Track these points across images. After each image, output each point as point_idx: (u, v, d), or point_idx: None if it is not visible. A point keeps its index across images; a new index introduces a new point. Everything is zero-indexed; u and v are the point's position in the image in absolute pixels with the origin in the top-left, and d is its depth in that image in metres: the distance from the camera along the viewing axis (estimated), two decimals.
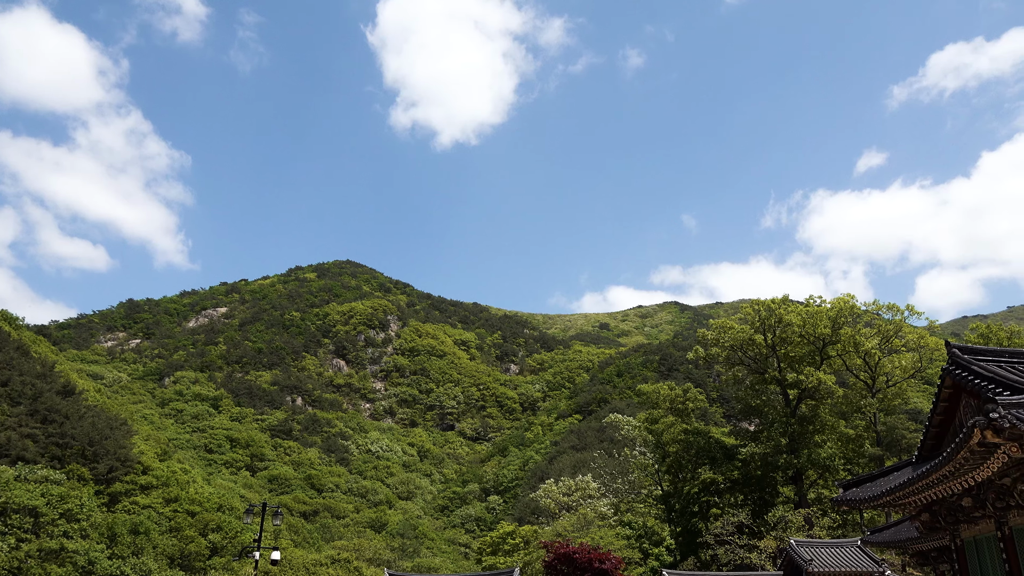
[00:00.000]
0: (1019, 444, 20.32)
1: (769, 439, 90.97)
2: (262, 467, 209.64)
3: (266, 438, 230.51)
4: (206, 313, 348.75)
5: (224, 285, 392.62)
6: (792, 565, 57.42)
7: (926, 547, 40.38)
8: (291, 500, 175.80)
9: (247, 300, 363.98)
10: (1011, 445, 20.46)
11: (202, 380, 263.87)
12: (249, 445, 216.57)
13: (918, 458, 30.72)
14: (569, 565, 63.02)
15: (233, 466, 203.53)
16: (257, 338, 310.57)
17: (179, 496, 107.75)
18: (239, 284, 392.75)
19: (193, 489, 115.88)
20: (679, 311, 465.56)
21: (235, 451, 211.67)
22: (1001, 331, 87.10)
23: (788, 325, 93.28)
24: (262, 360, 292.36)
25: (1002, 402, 21.07)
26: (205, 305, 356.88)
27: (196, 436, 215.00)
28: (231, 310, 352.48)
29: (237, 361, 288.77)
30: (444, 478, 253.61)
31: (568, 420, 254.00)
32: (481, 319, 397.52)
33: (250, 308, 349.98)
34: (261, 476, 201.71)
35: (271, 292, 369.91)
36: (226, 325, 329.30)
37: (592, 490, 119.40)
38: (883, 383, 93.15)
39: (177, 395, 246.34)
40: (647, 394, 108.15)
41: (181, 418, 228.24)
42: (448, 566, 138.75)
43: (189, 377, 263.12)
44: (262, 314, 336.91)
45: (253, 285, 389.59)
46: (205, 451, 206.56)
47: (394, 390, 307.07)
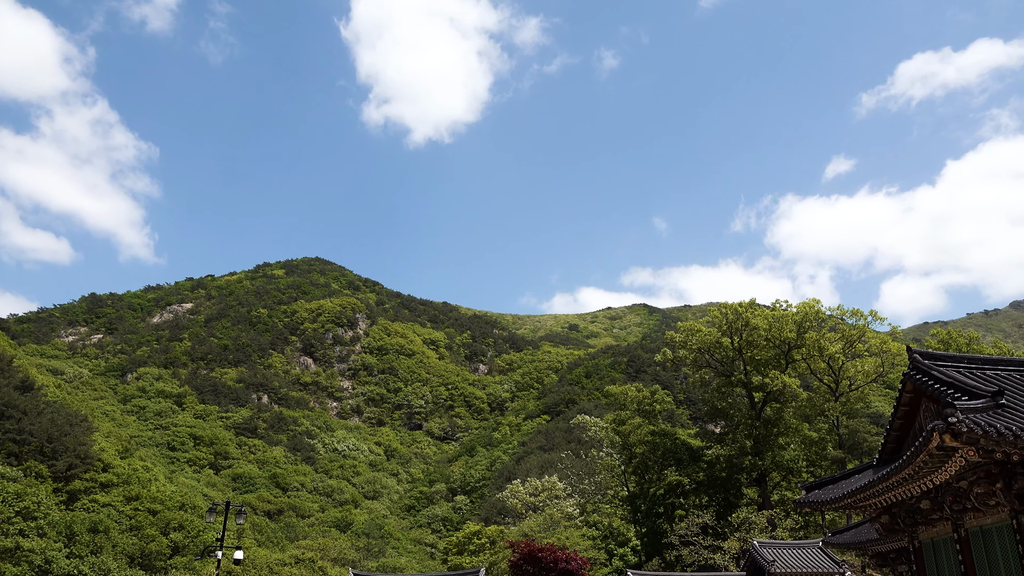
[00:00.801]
0: (976, 448, 20.75)
1: (734, 441, 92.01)
2: (226, 465, 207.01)
3: (231, 436, 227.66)
4: (171, 309, 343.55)
5: (190, 280, 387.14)
6: (755, 566, 58.11)
7: (885, 548, 41.09)
8: (255, 499, 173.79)
9: (213, 296, 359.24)
10: (968, 449, 20.89)
11: (166, 377, 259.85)
12: (213, 443, 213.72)
13: (879, 461, 31.24)
14: (535, 565, 63.13)
15: (196, 464, 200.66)
16: (223, 335, 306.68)
17: (140, 494, 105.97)
18: (205, 280, 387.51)
19: (155, 487, 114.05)
20: (648, 313, 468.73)
21: (199, 449, 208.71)
22: (960, 337, 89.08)
23: (755, 329, 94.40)
24: (228, 357, 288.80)
25: (960, 407, 21.51)
26: (170, 300, 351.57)
27: (159, 433, 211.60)
28: (197, 306, 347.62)
29: (202, 358, 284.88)
30: (411, 478, 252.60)
31: (536, 421, 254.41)
32: (451, 318, 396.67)
33: (216, 304, 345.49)
34: (225, 474, 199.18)
35: (238, 288, 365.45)
36: (191, 321, 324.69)
37: (559, 491, 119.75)
38: (846, 387, 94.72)
39: (140, 392, 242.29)
40: (615, 395, 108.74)
41: (144, 415, 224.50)
42: (414, 566, 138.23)
43: (152, 373, 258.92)
44: (229, 310, 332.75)
45: (220, 281, 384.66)
46: (168, 449, 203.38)
47: (362, 389, 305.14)
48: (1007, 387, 24.68)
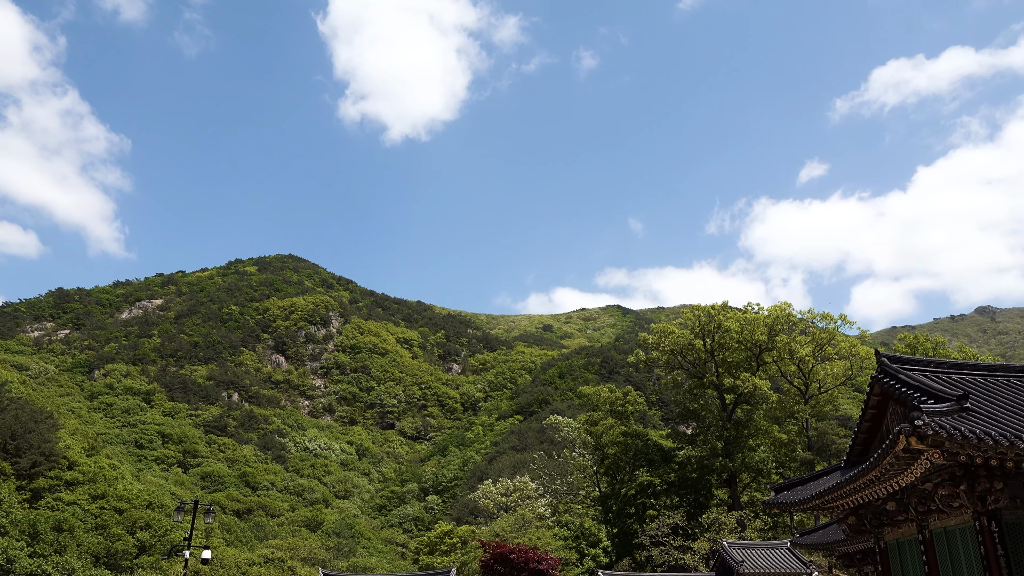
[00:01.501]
0: (941, 451, 21.10)
1: (705, 442, 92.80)
2: (195, 464, 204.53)
3: (200, 434, 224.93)
4: (140, 304, 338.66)
5: (160, 276, 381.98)
6: (724, 566, 58.62)
7: (852, 549, 41.67)
8: (224, 498, 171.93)
9: (184, 292, 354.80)
10: (933, 451, 21.24)
11: (134, 373, 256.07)
12: (182, 441, 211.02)
13: (847, 463, 31.65)
14: (506, 565, 63.13)
15: (164, 462, 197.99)
16: (193, 331, 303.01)
17: (106, 492, 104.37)
18: (176, 276, 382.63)
19: (121, 485, 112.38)
20: (621, 315, 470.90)
21: (167, 447, 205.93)
22: (927, 342, 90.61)
23: (727, 331, 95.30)
24: (198, 354, 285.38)
25: (926, 410, 21.87)
26: (140, 296, 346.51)
27: (126, 431, 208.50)
28: (167, 302, 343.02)
29: (172, 355, 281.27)
30: (383, 477, 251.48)
31: (509, 421, 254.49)
32: (424, 318, 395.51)
33: (187, 301, 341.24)
34: (194, 473, 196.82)
35: (209, 285, 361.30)
36: (161, 317, 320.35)
37: (531, 491, 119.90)
38: (816, 389, 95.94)
39: (107, 388, 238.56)
40: (588, 396, 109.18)
41: (111, 412, 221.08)
42: (384, 566, 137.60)
43: (120, 370, 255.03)
44: (199, 307, 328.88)
45: (191, 277, 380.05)
46: (135, 447, 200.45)
47: (334, 387, 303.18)
48: (972, 391, 25.15)
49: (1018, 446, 20.73)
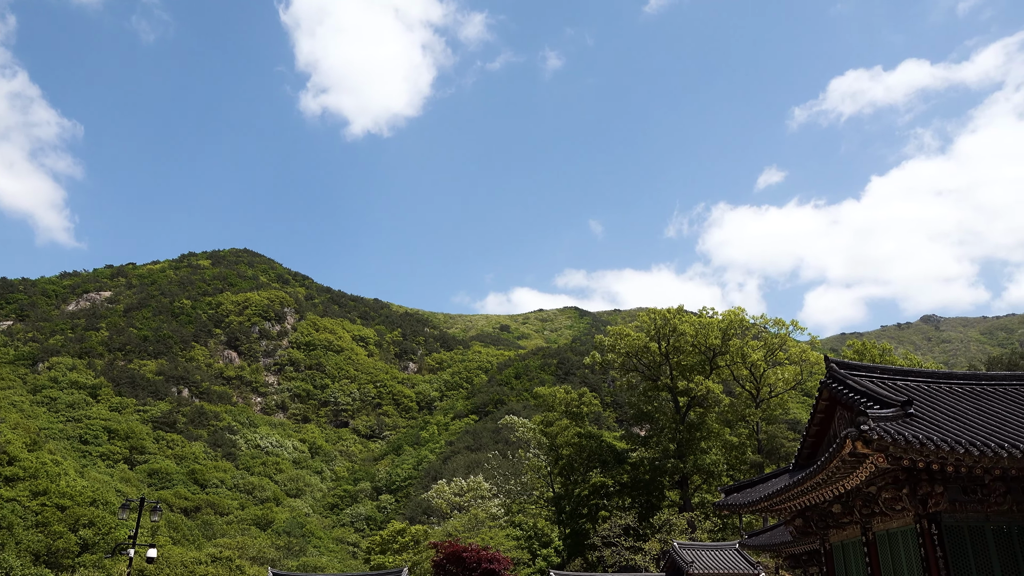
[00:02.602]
0: (885, 455, 21.65)
1: (658, 444, 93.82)
2: (142, 460, 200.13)
3: (148, 430, 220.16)
4: (88, 296, 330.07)
5: (110, 268, 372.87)
6: (674, 567, 59.35)
7: (798, 550, 42.53)
8: (172, 495, 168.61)
9: (134, 285, 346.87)
10: (878, 456, 21.78)
11: (80, 367, 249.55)
12: (129, 437, 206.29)
13: (795, 466, 32.28)
14: (458, 565, 63.07)
15: (110, 459, 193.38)
16: (143, 325, 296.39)
17: (48, 489, 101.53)
18: (126, 268, 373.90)
19: (64, 482, 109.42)
20: (579, 316, 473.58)
21: (113, 443, 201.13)
22: (874, 348, 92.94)
23: (681, 335, 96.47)
24: (147, 348, 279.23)
25: (872, 415, 22.43)
26: (88, 288, 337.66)
27: (70, 426, 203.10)
28: (116, 294, 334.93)
29: (120, 348, 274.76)
30: (335, 476, 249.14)
31: (464, 420, 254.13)
32: (381, 316, 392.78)
33: (137, 293, 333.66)
34: (140, 470, 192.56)
35: (161, 278, 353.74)
36: (110, 310, 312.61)
37: (484, 491, 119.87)
38: (766, 393, 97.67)
39: (51, 382, 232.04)
40: (543, 397, 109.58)
41: (55, 406, 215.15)
42: (335, 565, 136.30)
43: (66, 363, 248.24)
44: (150, 300, 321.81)
45: (141, 269, 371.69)
46: (80, 442, 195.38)
47: (288, 384, 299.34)
48: (916, 397, 25.85)
49: (958, 451, 21.39)
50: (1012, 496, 23.69)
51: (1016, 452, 21.52)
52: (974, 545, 23.50)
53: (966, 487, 23.61)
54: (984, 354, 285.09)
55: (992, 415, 25.63)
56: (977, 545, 23.51)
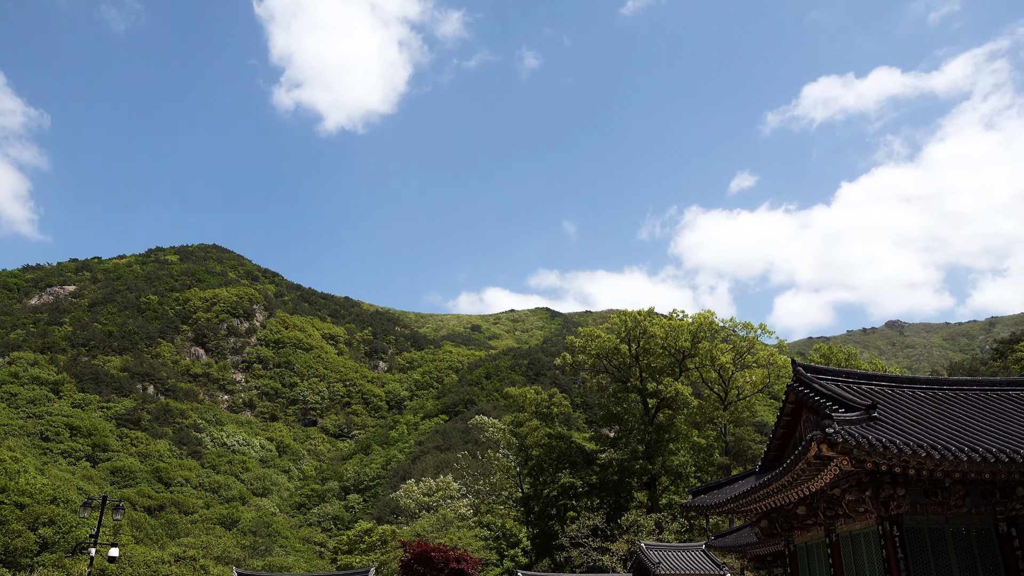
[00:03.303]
0: (849, 458, 21.97)
1: (627, 445, 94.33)
2: (105, 458, 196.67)
3: (111, 427, 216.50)
4: (52, 290, 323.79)
5: (74, 262, 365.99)
6: (641, 567, 59.70)
7: (763, 551, 43.03)
8: (135, 494, 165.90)
9: (100, 280, 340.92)
10: (842, 458, 22.10)
11: (42, 362, 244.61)
12: (91, 434, 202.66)
13: (761, 468, 32.64)
14: (426, 565, 62.87)
15: (72, 456, 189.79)
16: (108, 321, 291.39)
17: (7, 486, 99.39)
18: (92, 262, 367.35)
19: (24, 479, 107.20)
20: (550, 317, 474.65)
21: (75, 440, 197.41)
22: (840, 353, 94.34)
23: (652, 337, 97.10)
24: (112, 344, 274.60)
25: (837, 418, 22.76)
26: (51, 282, 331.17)
27: (31, 422, 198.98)
28: (81, 289, 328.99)
29: (84, 344, 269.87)
30: (303, 475, 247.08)
31: (434, 420, 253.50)
32: (352, 314, 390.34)
33: (102, 288, 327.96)
34: (103, 467, 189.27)
35: (127, 273, 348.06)
36: (74, 305, 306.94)
37: (453, 491, 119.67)
38: (734, 396, 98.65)
39: (12, 377, 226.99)
40: (514, 397, 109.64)
41: (15, 402, 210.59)
42: (301, 565, 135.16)
43: (27, 358, 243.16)
44: (116, 295, 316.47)
45: (107, 264, 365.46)
46: (41, 439, 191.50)
47: (255, 382, 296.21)
48: (879, 401, 26.28)
49: (920, 455, 21.78)
50: (971, 499, 24.18)
51: (975, 456, 21.96)
52: (934, 547, 23.94)
53: (927, 490, 24.05)
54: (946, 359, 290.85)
55: (953, 419, 26.14)
56: (937, 547, 23.95)
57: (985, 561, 23.94)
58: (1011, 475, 22.92)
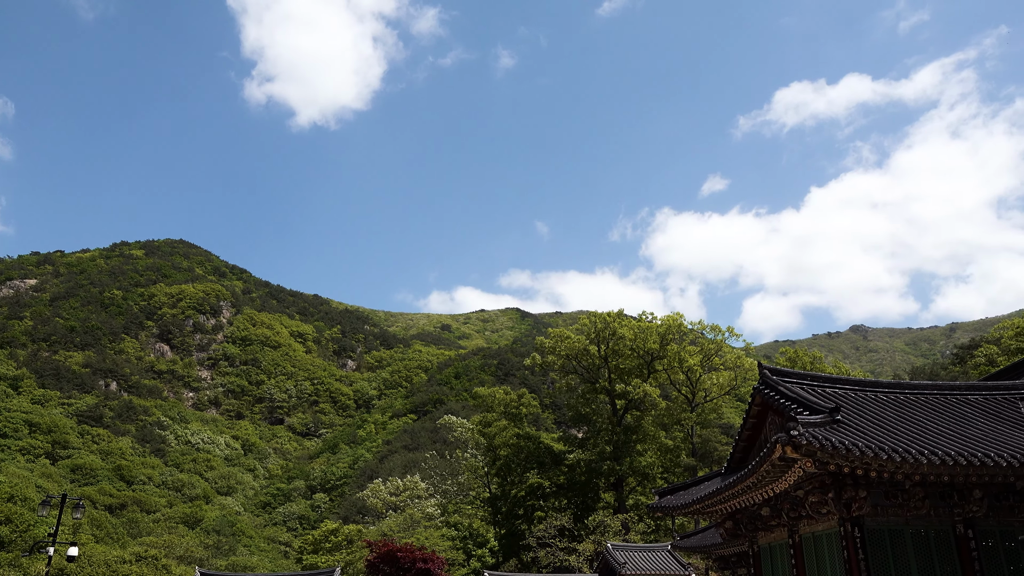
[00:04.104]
0: (813, 460, 22.30)
1: (595, 446, 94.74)
2: (65, 455, 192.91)
3: (72, 424, 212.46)
4: (12, 284, 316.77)
5: (36, 255, 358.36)
6: (608, 567, 60.02)
7: (728, 552, 43.49)
8: (96, 492, 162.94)
9: (62, 273, 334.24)
10: (806, 460, 22.42)
11: (1, 357, 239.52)
12: (51, 431, 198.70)
13: (727, 469, 32.98)
14: (392, 565, 62.59)
15: (31, 453, 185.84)
16: (70, 315, 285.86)
17: None
18: (54, 255, 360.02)
19: None
20: (520, 317, 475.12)
21: (34, 436, 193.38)
22: (806, 356, 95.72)
23: (621, 338, 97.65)
24: (74, 340, 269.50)
25: (802, 421, 23.08)
26: (11, 275, 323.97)
27: None
28: (42, 283, 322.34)
29: (44, 339, 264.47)
30: (269, 473, 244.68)
31: (403, 420, 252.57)
32: (321, 312, 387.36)
33: (65, 282, 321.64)
34: (63, 465, 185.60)
35: (91, 267, 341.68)
36: (35, 299, 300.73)
37: (421, 490, 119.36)
38: (702, 398, 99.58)
39: None
40: (483, 397, 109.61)
41: None
42: (266, 565, 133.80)
43: None
44: (78, 290, 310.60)
45: (70, 258, 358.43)
46: None
47: (221, 380, 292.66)
48: (843, 404, 26.70)
49: (881, 457, 22.18)
50: (930, 501, 24.67)
51: (935, 459, 22.42)
52: (894, 548, 24.38)
53: (888, 492, 24.48)
54: (908, 364, 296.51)
55: (914, 423, 26.65)
56: (897, 548, 24.40)
57: (942, 562, 24.44)
58: (968, 478, 23.43)
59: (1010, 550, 24.57)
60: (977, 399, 29.95)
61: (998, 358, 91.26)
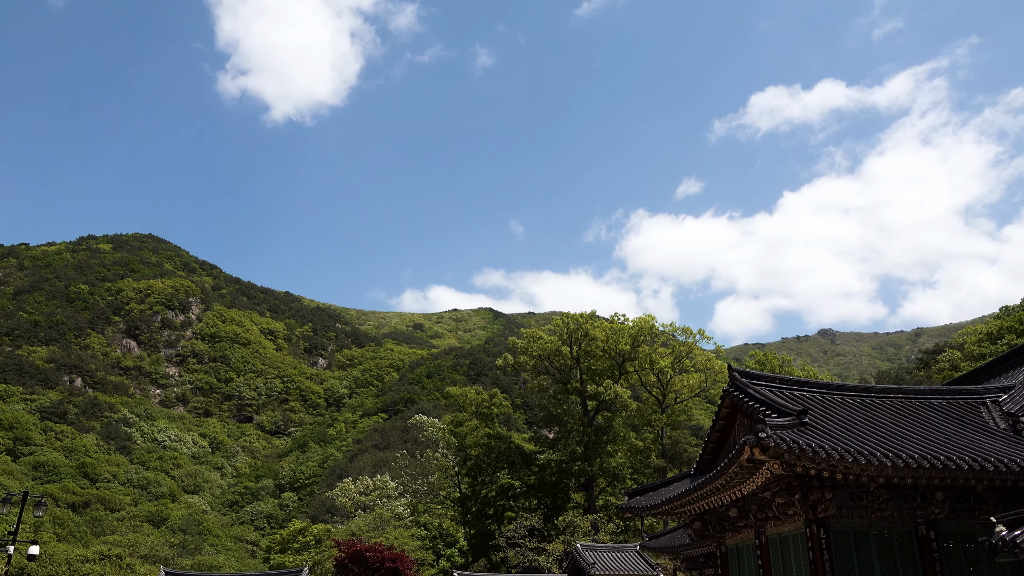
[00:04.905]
0: (780, 462, 22.56)
1: (566, 447, 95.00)
2: (27, 452, 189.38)
3: (35, 420, 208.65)
4: None
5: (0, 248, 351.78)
6: (577, 568, 60.22)
7: (696, 553, 43.90)
8: (59, 490, 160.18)
9: (27, 267, 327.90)
10: (774, 462, 22.68)
11: None
12: (13, 427, 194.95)
13: (696, 471, 33.24)
14: (360, 565, 62.24)
15: None
16: (35, 310, 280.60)
17: None
18: (18, 248, 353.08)
19: None
20: (493, 317, 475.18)
21: None
22: (775, 359, 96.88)
23: (593, 340, 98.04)
24: (38, 334, 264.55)
25: (770, 423, 23.34)
26: None
27: None
28: (6, 276, 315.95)
29: (7, 333, 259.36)
30: (236, 472, 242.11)
31: (373, 418, 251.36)
32: (292, 309, 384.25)
33: (29, 276, 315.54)
34: (25, 462, 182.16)
35: (57, 261, 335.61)
36: None
37: (391, 490, 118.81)
38: (672, 400, 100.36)
39: None
40: (454, 397, 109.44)
41: None
42: (232, 564, 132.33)
43: None
44: (43, 284, 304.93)
45: (35, 251, 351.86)
46: None
47: (190, 376, 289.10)
48: (811, 407, 27.04)
49: (847, 459, 22.50)
50: (894, 503, 25.07)
51: (899, 461, 22.79)
52: (858, 549, 24.75)
53: (853, 494, 24.84)
54: (874, 368, 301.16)
55: (879, 426, 27.06)
56: (861, 549, 24.77)
57: (905, 562, 24.86)
58: (931, 480, 23.85)
59: (970, 551, 25.06)
60: (941, 403, 30.49)
61: (961, 363, 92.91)
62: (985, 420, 29.01)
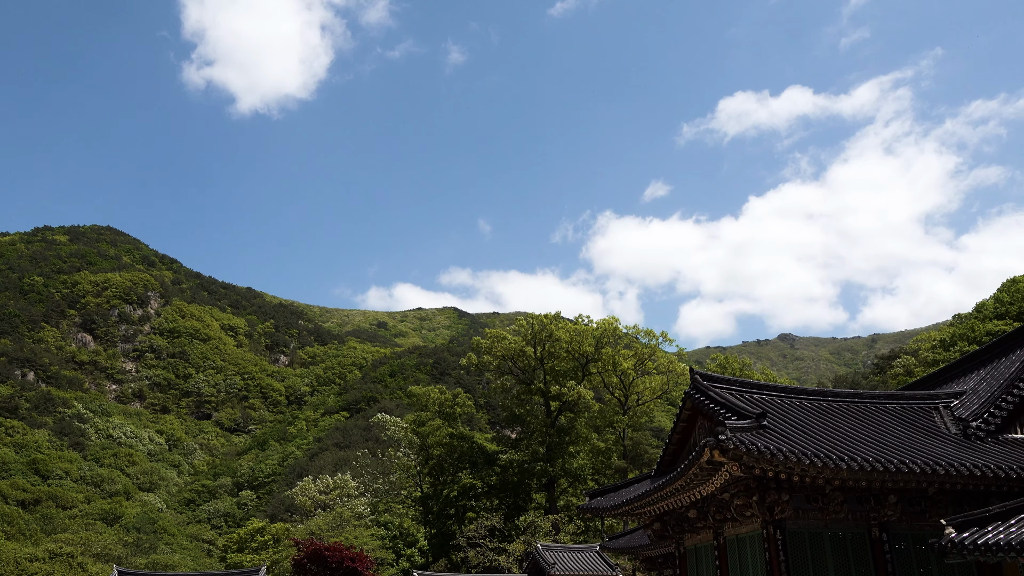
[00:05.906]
0: (739, 464, 22.88)
1: (529, 447, 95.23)
2: None
3: None
4: None
5: None
6: (537, 568, 60.38)
7: (655, 553, 44.28)
8: (8, 486, 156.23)
9: None
10: (733, 464, 23.00)
11: None
12: None
13: (657, 472, 33.56)
14: (319, 564, 61.68)
15: None
16: None
17: None
18: None
19: None
20: (458, 317, 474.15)
21: None
22: (736, 362, 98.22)
23: (557, 340, 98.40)
24: None
25: (730, 425, 23.67)
26: None
27: None
28: None
29: None
30: (194, 470, 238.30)
31: (335, 417, 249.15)
32: (254, 305, 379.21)
33: None
34: None
35: (10, 251, 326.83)
36: None
37: (351, 489, 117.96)
38: (634, 401, 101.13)
39: None
40: (417, 396, 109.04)
41: None
42: (188, 563, 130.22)
43: None
44: None
45: None
46: None
47: (147, 372, 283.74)
48: (770, 410, 27.46)
49: (804, 462, 22.90)
50: (848, 505, 25.58)
51: (854, 464, 23.26)
52: (813, 550, 25.21)
53: (809, 496, 25.29)
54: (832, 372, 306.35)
55: (836, 430, 27.59)
56: (816, 550, 25.24)
57: (858, 563, 25.38)
58: (885, 483, 24.39)
59: (920, 552, 25.66)
60: (895, 408, 31.18)
61: (916, 369, 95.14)
62: (938, 425, 29.76)
